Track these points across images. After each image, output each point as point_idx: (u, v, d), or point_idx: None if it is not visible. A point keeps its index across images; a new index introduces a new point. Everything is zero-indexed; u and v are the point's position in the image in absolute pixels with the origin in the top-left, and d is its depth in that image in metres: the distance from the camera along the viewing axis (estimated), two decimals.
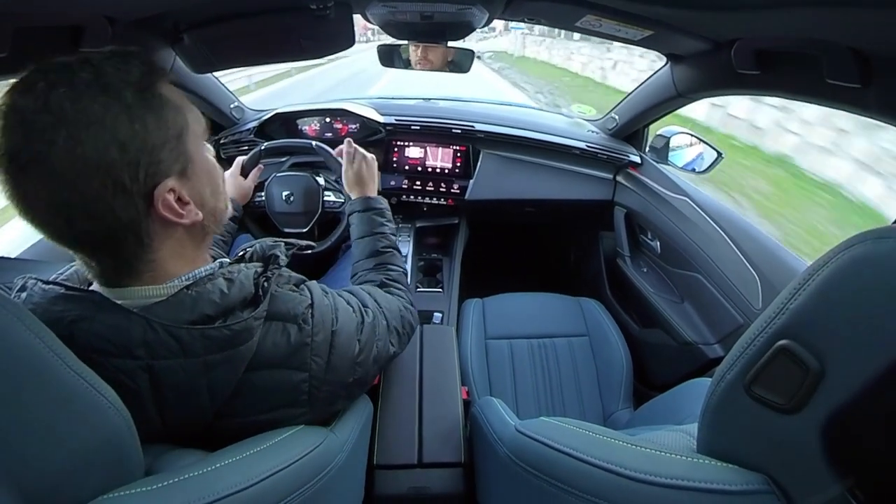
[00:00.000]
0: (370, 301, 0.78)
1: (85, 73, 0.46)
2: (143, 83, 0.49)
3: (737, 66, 1.00)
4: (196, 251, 0.60)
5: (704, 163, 1.54)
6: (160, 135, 0.50)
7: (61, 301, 0.50)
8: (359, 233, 1.02)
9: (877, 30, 0.66)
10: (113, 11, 0.86)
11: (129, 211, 0.48)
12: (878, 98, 0.74)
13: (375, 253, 0.98)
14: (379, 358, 0.74)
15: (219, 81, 1.60)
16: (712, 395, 0.50)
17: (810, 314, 0.42)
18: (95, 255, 0.51)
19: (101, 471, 0.42)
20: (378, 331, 0.75)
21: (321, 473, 0.58)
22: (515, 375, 1.41)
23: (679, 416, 0.93)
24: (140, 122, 0.48)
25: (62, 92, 0.44)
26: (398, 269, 0.98)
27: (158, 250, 0.53)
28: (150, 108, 0.49)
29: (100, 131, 0.45)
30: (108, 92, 0.46)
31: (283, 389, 0.59)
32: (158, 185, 0.50)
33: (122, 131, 0.46)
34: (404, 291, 0.94)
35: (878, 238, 0.38)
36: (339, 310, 0.67)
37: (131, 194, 0.48)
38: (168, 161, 0.51)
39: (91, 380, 0.41)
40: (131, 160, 0.47)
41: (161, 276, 0.54)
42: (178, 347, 0.50)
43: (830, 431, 0.40)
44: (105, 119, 0.45)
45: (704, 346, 1.33)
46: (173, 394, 0.51)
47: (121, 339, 0.49)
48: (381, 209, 1.06)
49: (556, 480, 0.55)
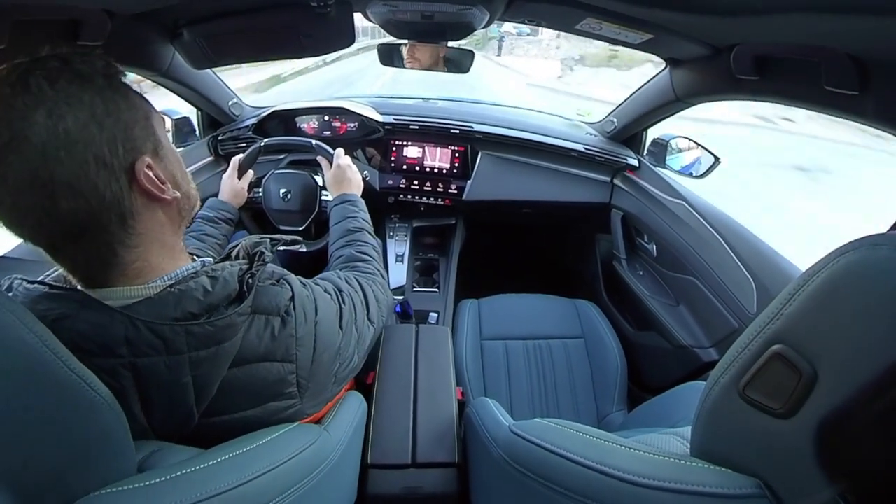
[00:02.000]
0: (343, 284, 0.80)
1: (55, 62, 0.47)
2: (109, 72, 0.51)
3: (736, 71, 1.00)
4: (175, 238, 0.59)
5: (702, 167, 1.55)
6: (131, 115, 0.52)
7: (44, 300, 0.50)
8: (334, 220, 1.11)
9: (876, 37, 0.67)
10: (112, 5, 0.85)
11: (112, 186, 0.49)
12: (877, 105, 0.74)
13: (347, 232, 1.06)
14: (362, 340, 0.77)
15: (218, 78, 1.60)
16: (706, 398, 0.51)
17: (804, 320, 0.42)
18: (77, 244, 0.50)
19: (92, 467, 0.41)
20: (356, 313, 0.77)
21: (314, 472, 0.58)
22: (510, 376, 1.41)
23: (673, 419, 0.93)
24: (112, 103, 0.50)
25: (38, 74, 0.46)
26: (367, 243, 1.04)
27: (142, 235, 0.53)
28: (118, 91, 0.51)
29: (79, 108, 0.47)
30: (80, 76, 0.48)
31: (270, 382, 0.59)
32: (137, 160, 0.51)
33: (98, 109, 0.48)
34: (372, 262, 0.98)
35: (873, 245, 0.38)
36: (318, 299, 0.68)
37: (113, 169, 0.49)
38: (142, 139, 0.53)
39: (86, 377, 0.41)
40: (109, 136, 0.49)
41: (145, 269, 0.54)
42: (162, 345, 0.50)
43: (823, 436, 0.40)
44: (83, 97, 0.47)
45: (699, 350, 1.33)
46: (158, 392, 0.51)
47: (103, 337, 0.48)
48: (353, 200, 1.15)
49: (549, 481, 0.55)
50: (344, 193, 1.16)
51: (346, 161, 1.23)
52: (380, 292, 0.90)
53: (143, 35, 1.05)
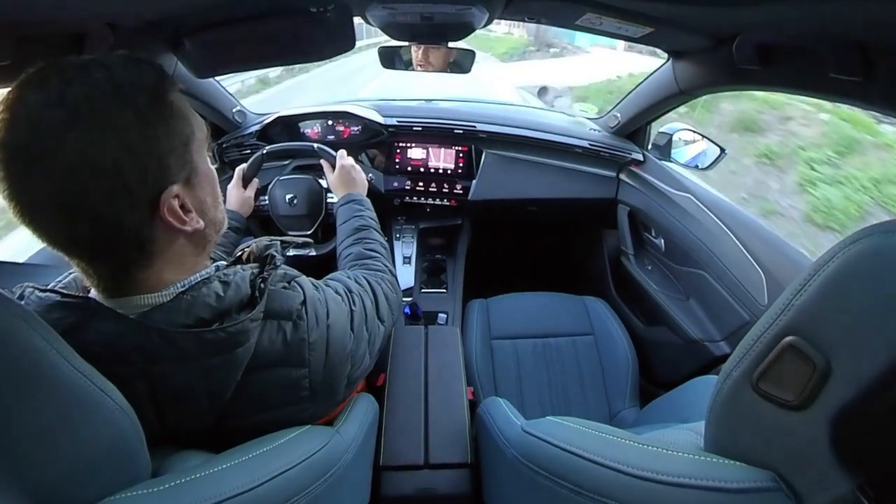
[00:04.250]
0: (353, 284, 0.79)
1: (99, 73, 0.46)
2: (156, 91, 0.49)
3: (738, 61, 1.00)
4: (195, 259, 0.59)
5: (707, 159, 1.54)
6: (169, 143, 0.50)
7: (57, 308, 0.49)
8: (341, 220, 1.10)
9: (880, 23, 0.66)
10: (115, 18, 0.86)
11: (132, 216, 0.48)
12: (883, 91, 0.73)
13: (354, 231, 1.05)
14: (373, 340, 0.76)
15: (220, 86, 1.61)
16: (719, 392, 0.50)
17: (816, 310, 0.41)
18: (93, 263, 0.50)
19: (107, 472, 0.42)
20: (367, 314, 0.76)
21: (327, 474, 0.58)
22: (521, 375, 1.40)
23: (685, 414, 0.92)
24: (151, 129, 0.48)
25: (78, 90, 0.44)
26: (375, 240, 1.04)
27: (158, 258, 0.53)
28: (160, 116, 0.49)
29: (112, 134, 0.45)
30: (122, 96, 0.46)
31: (283, 387, 0.59)
32: (164, 191, 0.50)
33: (134, 136, 0.46)
34: (380, 259, 0.98)
35: (885, 233, 0.38)
36: (329, 302, 0.67)
37: (137, 199, 0.48)
38: (175, 168, 0.51)
39: (98, 382, 0.41)
40: (140, 166, 0.47)
41: (158, 284, 0.53)
42: (174, 352, 0.50)
43: (839, 428, 0.39)
44: (118, 123, 0.45)
45: (710, 344, 1.32)
46: (171, 398, 0.51)
47: (115, 345, 0.48)
48: (359, 199, 1.15)
49: (564, 480, 0.55)
50: (350, 193, 1.16)
51: (349, 161, 1.23)
52: (389, 290, 0.89)
53: (145, 46, 1.05)
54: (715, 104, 6.10)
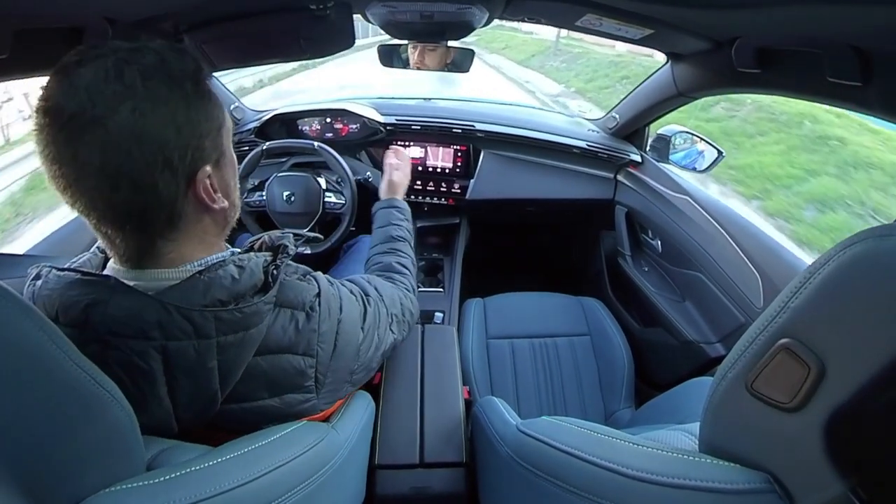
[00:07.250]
0: (371, 290, 0.82)
1: (152, 57, 0.49)
2: (197, 77, 0.53)
3: (737, 64, 1.00)
4: (216, 239, 0.62)
5: (705, 161, 1.54)
6: (207, 126, 0.54)
7: (77, 286, 0.52)
8: (378, 223, 1.14)
9: (878, 27, 0.66)
10: (113, 13, 0.86)
11: (169, 189, 0.51)
12: (880, 96, 0.74)
13: (389, 239, 1.09)
14: (380, 345, 0.79)
15: (219, 82, 1.60)
16: (714, 393, 0.50)
17: (811, 312, 0.42)
18: (123, 230, 0.52)
19: (102, 464, 0.42)
20: (379, 319, 0.79)
21: (322, 470, 0.58)
22: (517, 375, 1.41)
23: (681, 415, 0.93)
24: (194, 112, 0.52)
25: (135, 68, 0.47)
26: (407, 256, 1.07)
27: (183, 233, 0.56)
28: (202, 101, 0.53)
29: (163, 110, 0.49)
30: (172, 78, 0.50)
31: (290, 374, 0.61)
32: (199, 170, 0.54)
33: (181, 116, 0.50)
34: (408, 277, 1.00)
35: (881, 236, 0.38)
36: (343, 299, 0.70)
37: (176, 173, 0.51)
38: (209, 149, 0.55)
39: (93, 373, 0.41)
40: (183, 143, 0.51)
41: (177, 259, 0.56)
42: (192, 329, 0.52)
43: (833, 430, 0.40)
44: (169, 101, 0.49)
45: (706, 345, 1.33)
46: (184, 375, 0.53)
47: (136, 320, 0.50)
48: (402, 208, 1.19)
49: (559, 480, 0.55)
50: (394, 198, 1.21)
51: (408, 170, 1.33)
52: (409, 306, 0.92)
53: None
54: None
